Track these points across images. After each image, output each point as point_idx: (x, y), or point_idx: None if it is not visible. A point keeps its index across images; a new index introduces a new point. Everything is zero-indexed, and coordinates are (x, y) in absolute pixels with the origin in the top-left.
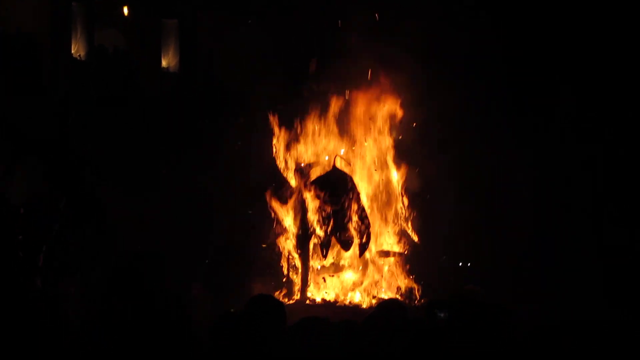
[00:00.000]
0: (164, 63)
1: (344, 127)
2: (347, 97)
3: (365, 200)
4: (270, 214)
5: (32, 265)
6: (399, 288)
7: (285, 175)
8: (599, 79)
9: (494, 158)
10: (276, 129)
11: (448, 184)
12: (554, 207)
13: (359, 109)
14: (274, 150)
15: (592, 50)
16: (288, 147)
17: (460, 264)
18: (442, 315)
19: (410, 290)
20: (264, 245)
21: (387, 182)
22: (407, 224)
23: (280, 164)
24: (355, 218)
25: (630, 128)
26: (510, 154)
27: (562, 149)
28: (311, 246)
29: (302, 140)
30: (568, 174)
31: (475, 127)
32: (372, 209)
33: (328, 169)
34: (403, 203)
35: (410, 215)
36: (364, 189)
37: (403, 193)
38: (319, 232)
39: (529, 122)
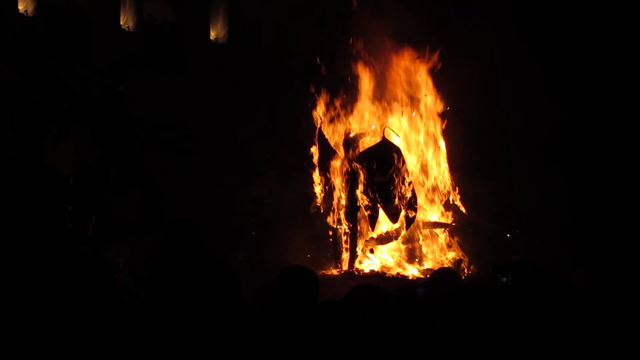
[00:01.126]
0: (212, 34)
1: (392, 98)
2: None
3: (412, 172)
4: (318, 186)
5: (82, 236)
6: (447, 259)
7: (333, 146)
8: None
9: (544, 129)
10: (322, 98)
11: (496, 156)
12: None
13: (406, 78)
14: (321, 120)
15: None
16: (336, 118)
17: (508, 235)
18: (504, 279)
19: (458, 262)
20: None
21: (435, 153)
22: (455, 196)
23: (328, 134)
24: (403, 190)
25: None
26: (560, 125)
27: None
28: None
29: (350, 111)
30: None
31: (525, 99)
32: (419, 180)
33: (377, 139)
34: (451, 175)
35: (457, 186)
36: (412, 160)
37: (450, 165)
38: (367, 204)
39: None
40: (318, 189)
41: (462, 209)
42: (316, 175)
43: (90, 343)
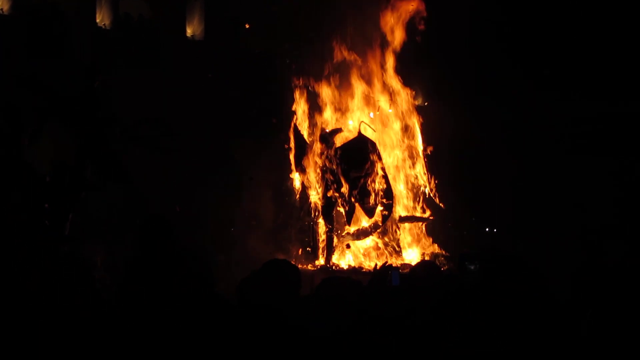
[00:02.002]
0: (188, 31)
1: (367, 93)
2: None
3: (389, 167)
4: (295, 182)
5: (59, 233)
6: (424, 254)
7: (309, 142)
8: None
9: (513, 125)
10: (298, 95)
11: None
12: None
13: (382, 73)
14: (296, 117)
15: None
16: (311, 113)
17: (487, 229)
18: (472, 267)
19: (435, 256)
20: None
21: (411, 148)
22: (432, 190)
23: (303, 131)
24: (379, 185)
25: None
26: (529, 120)
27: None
28: (335, 213)
29: (325, 106)
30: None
31: (498, 95)
32: (396, 175)
33: (352, 135)
34: (427, 169)
35: (435, 181)
36: (388, 155)
37: (427, 159)
38: (343, 199)
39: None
40: (295, 185)
41: (439, 203)
42: (293, 171)
43: (69, 340)
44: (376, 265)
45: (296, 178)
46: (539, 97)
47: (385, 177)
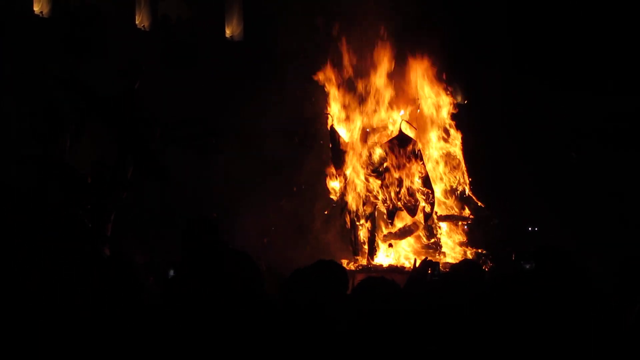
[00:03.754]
0: (227, 32)
1: (405, 91)
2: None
3: (429, 165)
4: (335, 182)
5: (101, 234)
6: (464, 253)
7: (348, 142)
8: None
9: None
10: (335, 93)
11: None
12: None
13: (420, 71)
14: (332, 118)
15: None
16: (349, 113)
17: (530, 229)
18: (527, 266)
19: (478, 255)
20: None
21: (451, 147)
22: (472, 189)
23: (344, 129)
24: (420, 183)
25: None
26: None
27: None
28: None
29: (365, 105)
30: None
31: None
32: (436, 173)
33: (393, 133)
34: (467, 168)
35: (474, 180)
36: (428, 153)
37: (466, 158)
38: (385, 198)
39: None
40: (335, 185)
41: (478, 202)
42: (332, 172)
43: (108, 341)
44: (415, 260)
45: (336, 178)
46: (574, 93)
47: (426, 175)
